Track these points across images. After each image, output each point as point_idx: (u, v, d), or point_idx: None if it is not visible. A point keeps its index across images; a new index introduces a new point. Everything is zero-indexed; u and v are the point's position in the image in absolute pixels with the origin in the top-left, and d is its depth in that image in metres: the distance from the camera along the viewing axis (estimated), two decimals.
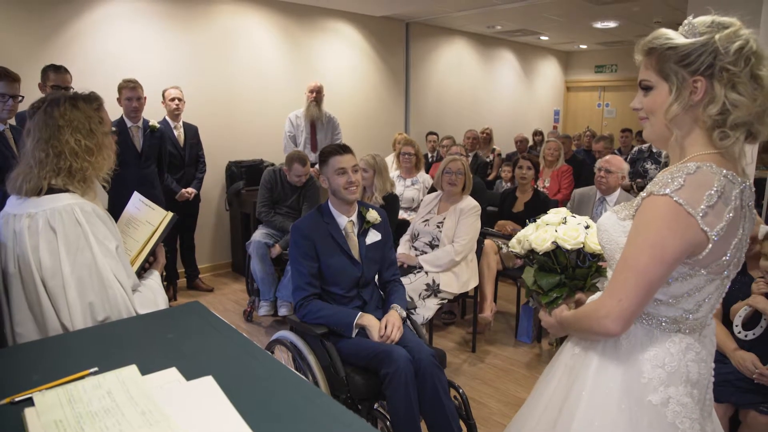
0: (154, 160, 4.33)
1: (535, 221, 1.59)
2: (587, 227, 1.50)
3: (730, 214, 1.18)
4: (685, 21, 1.23)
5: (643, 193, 1.24)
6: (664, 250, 1.17)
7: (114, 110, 4.10)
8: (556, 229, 1.51)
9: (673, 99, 1.22)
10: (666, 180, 1.19)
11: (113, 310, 1.58)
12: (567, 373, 1.44)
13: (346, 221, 2.55)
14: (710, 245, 1.18)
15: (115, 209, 2.14)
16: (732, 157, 1.22)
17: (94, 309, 1.55)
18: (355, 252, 2.53)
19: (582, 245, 1.48)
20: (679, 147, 1.27)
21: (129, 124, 4.15)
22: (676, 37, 1.22)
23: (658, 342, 1.30)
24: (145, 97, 4.22)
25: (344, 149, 2.54)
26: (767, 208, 4.50)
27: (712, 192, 1.16)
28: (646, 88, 1.28)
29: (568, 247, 1.47)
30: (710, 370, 1.35)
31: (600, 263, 1.51)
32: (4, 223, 1.59)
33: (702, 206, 1.16)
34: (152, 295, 1.74)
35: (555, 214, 1.57)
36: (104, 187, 1.77)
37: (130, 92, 4.10)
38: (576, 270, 1.51)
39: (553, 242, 1.49)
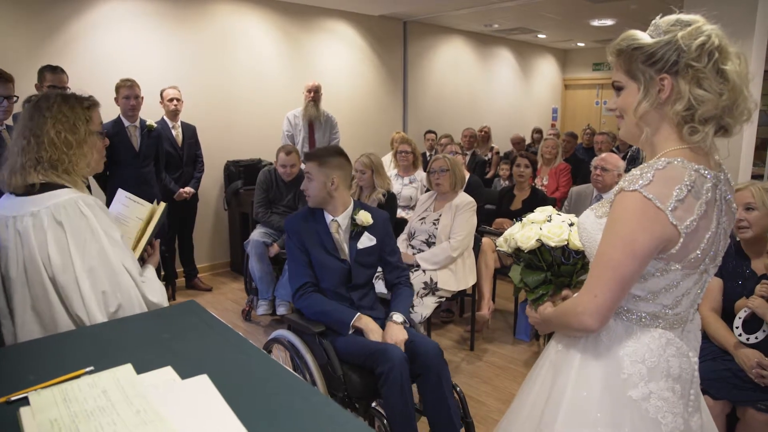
0: (152, 160, 4.33)
1: (521, 220, 1.61)
2: (571, 224, 1.52)
3: (702, 208, 1.20)
4: (653, 21, 1.26)
5: (615, 189, 1.26)
6: (635, 245, 1.19)
7: (111, 110, 4.10)
8: (540, 227, 1.53)
9: (642, 97, 1.25)
10: (636, 176, 1.21)
11: (124, 297, 1.60)
12: (551, 370, 1.46)
13: (330, 220, 2.56)
14: (681, 239, 1.20)
15: None
16: (703, 151, 1.24)
17: (107, 298, 1.58)
18: (342, 252, 2.53)
19: (566, 242, 1.49)
20: (650, 144, 1.30)
21: (126, 123, 4.16)
22: (642, 37, 1.24)
23: (637, 338, 1.32)
24: (143, 96, 4.22)
25: (306, 155, 2.59)
26: None
27: (682, 186, 1.18)
28: (618, 89, 1.31)
29: (552, 244, 1.49)
30: (693, 365, 1.35)
31: (586, 260, 1.53)
32: (2, 226, 1.59)
33: (671, 200, 1.17)
34: (151, 285, 1.76)
35: (541, 212, 1.59)
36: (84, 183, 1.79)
37: (128, 90, 4.10)
38: (561, 267, 1.53)
39: (537, 240, 1.51)
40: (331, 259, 2.50)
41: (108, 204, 3.98)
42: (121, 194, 1.98)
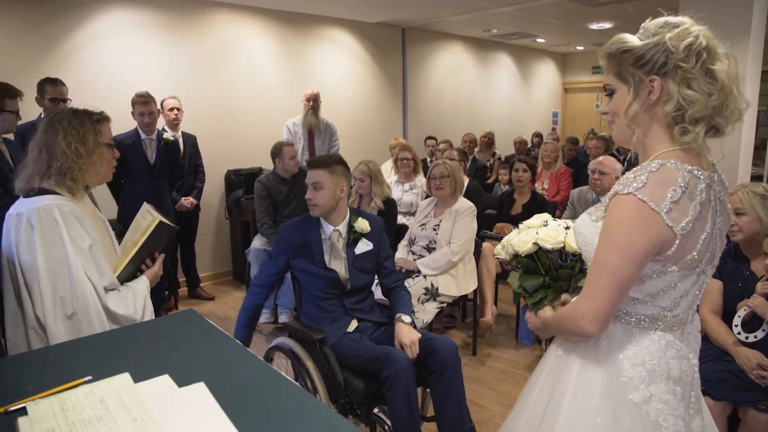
0: (167, 173, 4.35)
1: (518, 227, 1.62)
2: (567, 228, 1.53)
3: (697, 209, 1.20)
4: (642, 25, 1.27)
5: (609, 193, 1.26)
6: (631, 248, 1.19)
7: (124, 123, 4.15)
8: (537, 231, 1.53)
9: (632, 99, 1.26)
10: (629, 179, 1.21)
11: (80, 305, 1.71)
12: (551, 375, 1.45)
13: (331, 230, 2.56)
14: (677, 241, 1.20)
15: (127, 218, 2.22)
16: (695, 152, 1.24)
17: (64, 303, 1.69)
18: (337, 262, 2.54)
19: (562, 245, 1.50)
20: (642, 146, 1.30)
21: (143, 136, 4.20)
22: (631, 40, 1.26)
23: (637, 340, 1.31)
24: (159, 110, 4.25)
25: (312, 164, 2.53)
26: None
27: (676, 188, 1.18)
28: (609, 92, 1.33)
29: (549, 246, 1.50)
30: (693, 367, 1.35)
31: (584, 265, 1.53)
32: (6, 223, 1.77)
33: (666, 202, 1.17)
34: (132, 297, 1.85)
35: (537, 218, 1.60)
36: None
37: (142, 107, 4.14)
38: (559, 271, 1.53)
39: (534, 243, 1.51)
40: (317, 267, 2.51)
41: (120, 215, 4.07)
42: (144, 206, 2.09)
